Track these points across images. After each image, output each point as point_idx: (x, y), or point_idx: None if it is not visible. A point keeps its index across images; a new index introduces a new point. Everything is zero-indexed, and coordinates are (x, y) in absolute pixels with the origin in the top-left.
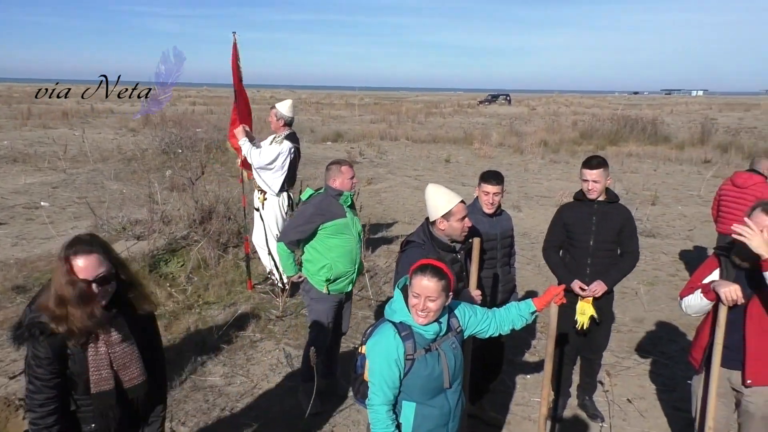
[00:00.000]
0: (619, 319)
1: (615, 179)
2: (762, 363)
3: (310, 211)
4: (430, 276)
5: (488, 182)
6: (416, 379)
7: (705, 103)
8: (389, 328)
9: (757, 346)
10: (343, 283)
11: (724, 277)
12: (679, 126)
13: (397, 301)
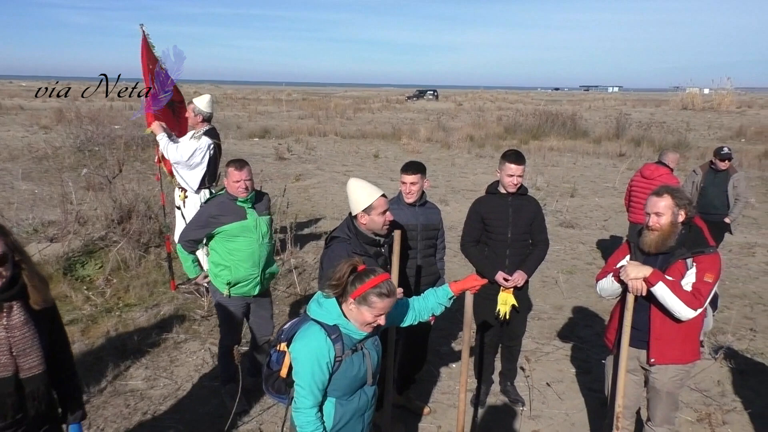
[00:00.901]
0: (540, 307)
1: (537, 172)
2: (664, 343)
3: (207, 214)
4: (392, 298)
5: (406, 172)
6: (342, 379)
7: (620, 99)
8: (319, 330)
9: (660, 327)
10: (247, 287)
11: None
12: (597, 121)
13: (331, 304)
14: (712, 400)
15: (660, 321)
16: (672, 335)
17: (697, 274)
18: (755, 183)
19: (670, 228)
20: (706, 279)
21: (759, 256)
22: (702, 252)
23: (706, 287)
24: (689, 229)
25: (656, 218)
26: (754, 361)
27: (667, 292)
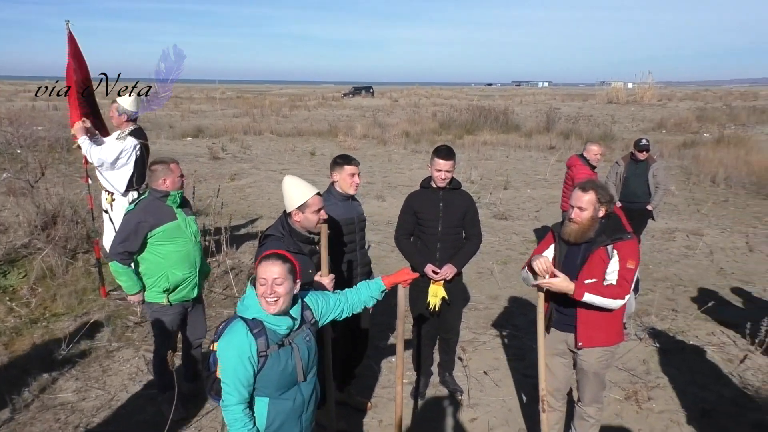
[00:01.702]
0: (477, 298)
1: (471, 166)
2: (590, 327)
3: (135, 220)
4: (274, 260)
5: (350, 163)
6: (270, 374)
7: (550, 93)
8: (241, 325)
9: (586, 313)
10: (186, 290)
11: (558, 250)
12: (528, 115)
13: (250, 296)
14: (638, 378)
15: (586, 307)
16: (597, 320)
17: (619, 261)
18: (675, 172)
19: (590, 222)
20: (628, 266)
21: (679, 240)
22: (621, 238)
23: (630, 274)
24: (608, 217)
25: (579, 212)
26: (676, 339)
27: (593, 298)
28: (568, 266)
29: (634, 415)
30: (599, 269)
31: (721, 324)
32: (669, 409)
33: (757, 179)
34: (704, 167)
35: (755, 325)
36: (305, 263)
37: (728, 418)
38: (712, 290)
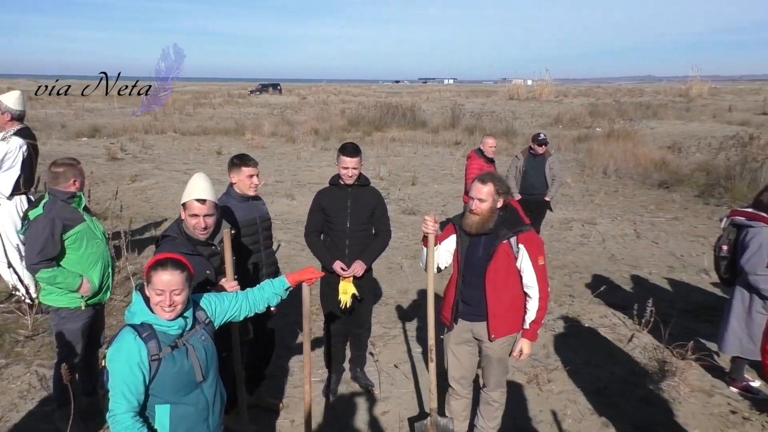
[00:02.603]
0: (387, 293)
1: (380, 163)
2: (500, 319)
3: (48, 226)
4: (171, 269)
5: (247, 165)
6: (165, 378)
7: (455, 90)
8: (128, 331)
9: (494, 304)
10: (101, 293)
11: (460, 242)
12: (434, 112)
13: (137, 303)
14: (539, 362)
15: (494, 300)
16: (504, 311)
17: (530, 258)
18: (571, 165)
19: (489, 213)
20: (540, 263)
21: (575, 229)
22: (521, 230)
23: (544, 269)
24: (506, 210)
25: (478, 203)
26: (573, 323)
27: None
28: (469, 257)
29: (536, 397)
30: (505, 264)
31: (612, 307)
32: (567, 390)
33: (643, 170)
34: (597, 160)
35: (642, 307)
36: (201, 264)
37: (619, 395)
38: (604, 276)
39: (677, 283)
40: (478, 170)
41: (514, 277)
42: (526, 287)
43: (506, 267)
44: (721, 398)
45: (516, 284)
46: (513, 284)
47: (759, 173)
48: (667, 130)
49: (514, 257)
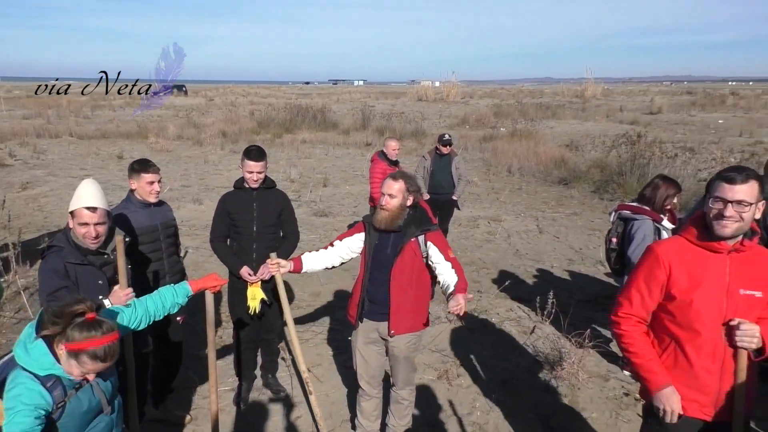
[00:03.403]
0: (299, 296)
1: (291, 165)
2: (402, 315)
3: None
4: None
5: (147, 171)
6: (71, 420)
7: (365, 91)
8: (30, 380)
9: (398, 301)
10: None
11: (368, 240)
12: (345, 113)
13: (41, 353)
14: (448, 358)
15: (396, 296)
16: (407, 308)
17: (441, 253)
18: (477, 164)
19: (398, 210)
20: (452, 255)
21: (482, 227)
22: (429, 229)
23: (457, 260)
24: (415, 210)
25: (389, 199)
26: (480, 318)
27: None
28: (377, 254)
29: (446, 392)
30: (411, 261)
31: (517, 300)
32: (475, 383)
33: (544, 168)
34: (501, 159)
35: (543, 299)
36: (92, 274)
37: (524, 384)
38: (510, 270)
39: (576, 275)
40: (381, 174)
41: (419, 276)
42: (443, 277)
43: (412, 265)
44: (616, 382)
45: (420, 283)
46: (417, 283)
47: (647, 169)
48: (565, 129)
49: (421, 256)
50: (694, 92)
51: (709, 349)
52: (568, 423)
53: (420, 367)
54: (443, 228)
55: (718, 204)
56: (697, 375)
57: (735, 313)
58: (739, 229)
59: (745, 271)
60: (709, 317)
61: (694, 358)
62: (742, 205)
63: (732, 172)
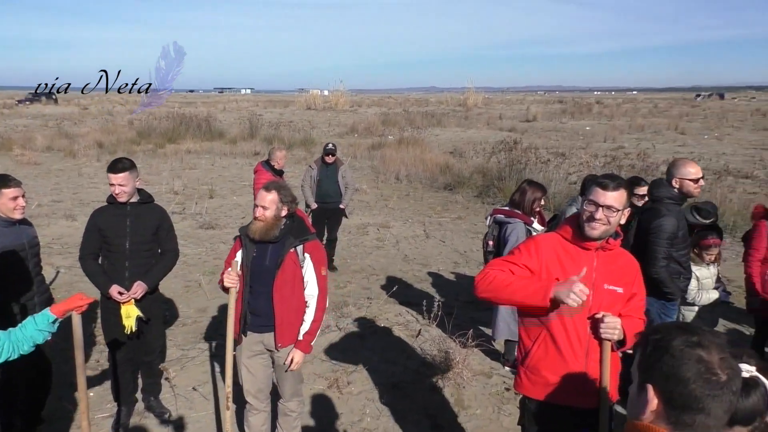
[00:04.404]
0: (184, 312)
1: (175, 176)
2: (287, 328)
3: None
4: None
5: (8, 186)
6: None
7: (252, 100)
8: None
9: (282, 313)
10: None
11: (245, 252)
12: (232, 122)
13: None
14: (339, 366)
15: (281, 308)
16: (292, 319)
17: (314, 267)
18: (367, 172)
19: (273, 221)
20: (323, 273)
21: (371, 234)
22: (307, 239)
23: (324, 280)
24: (293, 219)
25: (262, 210)
26: (370, 324)
27: (314, 335)
28: (256, 267)
29: (337, 400)
30: (292, 272)
31: (406, 305)
32: (365, 389)
33: (431, 175)
34: (390, 166)
35: (430, 302)
36: None
37: (412, 386)
38: (399, 276)
39: (461, 277)
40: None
41: (301, 286)
42: (308, 296)
43: (294, 275)
44: (498, 378)
45: (303, 293)
46: (300, 293)
47: (524, 173)
48: (449, 136)
49: (300, 265)
50: (565, 101)
51: (576, 340)
52: (454, 420)
53: (310, 377)
54: (332, 237)
55: (591, 207)
56: (565, 364)
57: (600, 307)
58: (606, 231)
59: (610, 268)
60: (577, 309)
61: (563, 348)
62: (611, 210)
63: (606, 179)
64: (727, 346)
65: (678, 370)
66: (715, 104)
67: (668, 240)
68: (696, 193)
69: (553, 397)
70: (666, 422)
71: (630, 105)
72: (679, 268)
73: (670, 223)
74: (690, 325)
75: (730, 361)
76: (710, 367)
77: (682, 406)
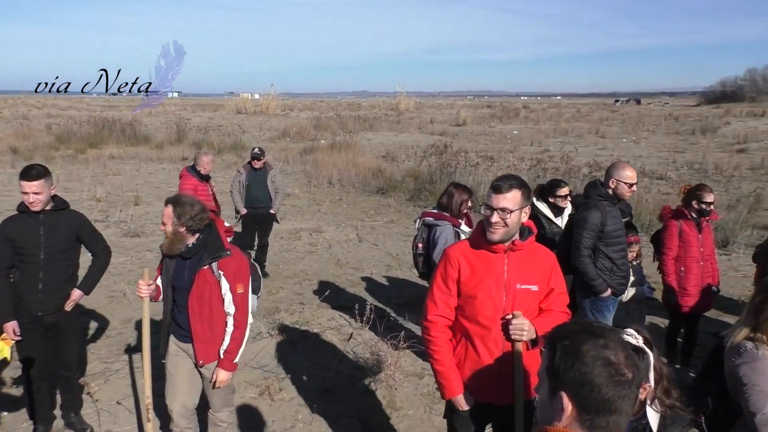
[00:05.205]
0: (108, 324)
1: (97, 183)
2: (207, 345)
3: None
4: None
5: None
6: None
7: (180, 104)
8: None
9: (200, 331)
10: None
11: (165, 265)
12: (158, 126)
13: None
14: (270, 373)
15: (199, 325)
16: (209, 337)
17: (230, 287)
18: (299, 176)
19: (174, 236)
20: (239, 291)
21: (304, 239)
22: (220, 256)
23: (243, 298)
24: (209, 232)
25: (163, 225)
26: (302, 329)
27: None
28: (177, 280)
29: (268, 408)
30: (207, 289)
31: (338, 309)
32: (298, 395)
33: (363, 179)
34: (322, 170)
35: (362, 305)
36: None
37: (344, 390)
38: (331, 280)
39: (394, 280)
40: (192, 189)
41: (219, 303)
42: (227, 314)
43: (209, 293)
44: (430, 378)
45: (223, 310)
46: (219, 310)
47: (454, 176)
48: (381, 141)
49: (216, 282)
50: (494, 106)
51: (492, 340)
52: (386, 422)
53: (241, 385)
54: (263, 242)
55: (487, 211)
56: (483, 364)
57: (513, 307)
58: (506, 233)
59: (522, 268)
60: (492, 311)
61: (480, 349)
62: (505, 212)
63: (499, 182)
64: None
65: (590, 376)
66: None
67: (591, 231)
68: (627, 197)
69: (474, 394)
70: (581, 426)
71: (555, 110)
72: (611, 264)
73: (594, 215)
74: (593, 326)
75: (634, 357)
76: (618, 369)
77: (597, 410)
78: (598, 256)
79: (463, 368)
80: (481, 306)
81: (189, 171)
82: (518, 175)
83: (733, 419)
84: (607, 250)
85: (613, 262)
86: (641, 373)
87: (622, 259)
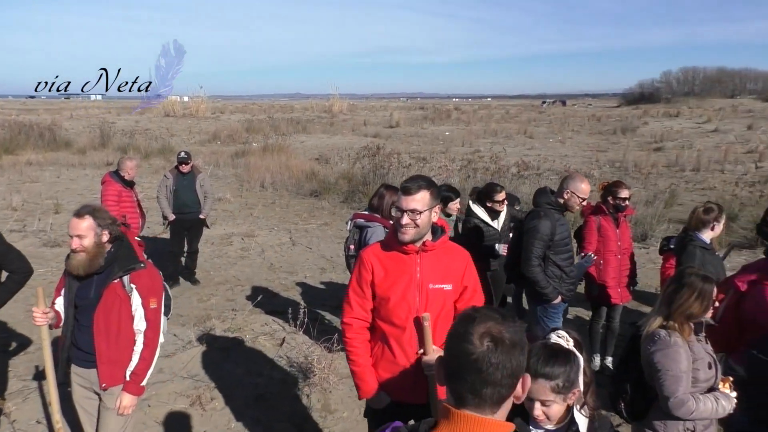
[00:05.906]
0: (27, 340)
1: (13, 191)
2: (110, 366)
3: None
4: None
5: None
6: None
7: (104, 107)
8: None
9: (104, 349)
10: None
11: (68, 284)
12: (80, 130)
13: None
14: (201, 383)
15: (104, 344)
16: (115, 357)
17: (142, 301)
18: (230, 180)
19: (95, 249)
20: (152, 306)
21: (236, 244)
22: (133, 268)
23: (155, 313)
24: (121, 245)
25: (78, 240)
26: (234, 336)
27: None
28: (80, 298)
29: (200, 418)
30: (117, 305)
31: (272, 314)
32: (230, 404)
33: (296, 181)
34: (254, 174)
35: (296, 309)
36: None
37: (277, 396)
38: (264, 285)
39: (328, 283)
40: (115, 195)
41: (128, 320)
42: (136, 331)
43: (119, 309)
44: None
45: (131, 328)
46: (128, 328)
47: (387, 178)
48: (315, 143)
49: (127, 297)
50: (426, 108)
51: (407, 341)
52: (320, 426)
53: (171, 395)
54: (193, 249)
55: (397, 213)
56: (398, 364)
57: (427, 307)
58: (417, 233)
59: (434, 268)
60: (405, 311)
61: (395, 349)
62: (415, 213)
63: (407, 183)
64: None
65: (452, 350)
66: (559, 110)
67: (541, 241)
68: (576, 210)
69: (390, 393)
70: (451, 399)
71: (485, 111)
72: (560, 272)
73: (545, 225)
74: (478, 309)
75: (492, 334)
76: (470, 341)
77: (454, 381)
78: (548, 265)
79: (380, 368)
80: (395, 307)
81: (112, 176)
82: (426, 176)
83: (650, 404)
84: (556, 258)
85: (562, 270)
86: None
87: (570, 267)
